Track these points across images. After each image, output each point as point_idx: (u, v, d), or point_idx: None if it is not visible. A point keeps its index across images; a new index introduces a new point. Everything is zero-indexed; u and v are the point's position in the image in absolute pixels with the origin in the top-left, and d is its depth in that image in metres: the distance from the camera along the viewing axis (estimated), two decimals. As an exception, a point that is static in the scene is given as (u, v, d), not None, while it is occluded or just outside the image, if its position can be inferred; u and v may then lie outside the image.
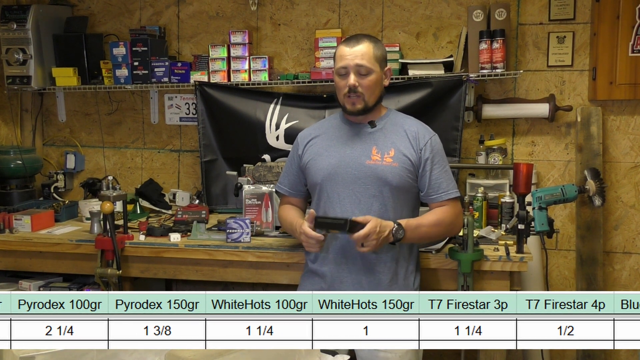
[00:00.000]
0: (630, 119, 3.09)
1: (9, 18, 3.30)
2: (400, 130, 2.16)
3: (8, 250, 2.76)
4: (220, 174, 3.27)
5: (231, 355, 1.34)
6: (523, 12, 3.12)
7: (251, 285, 3.16)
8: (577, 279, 3.12)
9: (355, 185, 2.10)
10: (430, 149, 2.13)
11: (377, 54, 2.11)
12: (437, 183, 2.13)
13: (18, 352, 1.30)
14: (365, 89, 2.09)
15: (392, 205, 2.10)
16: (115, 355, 1.37)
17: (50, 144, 3.72)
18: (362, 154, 2.12)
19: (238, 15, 3.40)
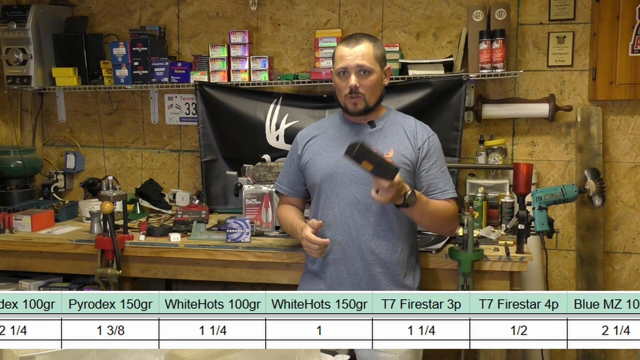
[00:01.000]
0: (630, 119, 3.09)
1: (9, 18, 3.30)
2: (400, 130, 2.16)
3: (8, 250, 2.76)
4: (220, 174, 3.27)
5: (231, 355, 1.34)
6: (523, 12, 3.12)
7: (251, 285, 3.16)
8: (577, 279, 3.12)
9: (354, 186, 2.10)
10: (428, 148, 2.13)
11: (377, 54, 2.10)
12: (435, 182, 2.12)
13: (18, 352, 1.30)
14: (367, 89, 2.08)
15: (391, 205, 2.08)
16: (116, 355, 1.37)
17: (50, 144, 3.72)
18: None
19: (238, 15, 3.40)
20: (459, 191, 3.04)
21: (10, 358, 1.31)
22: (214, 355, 1.33)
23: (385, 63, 2.17)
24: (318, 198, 2.18)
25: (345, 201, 2.11)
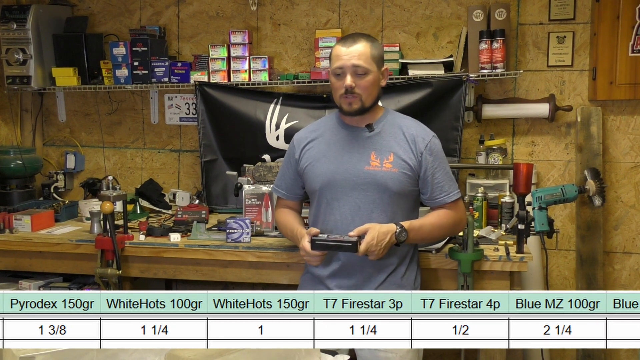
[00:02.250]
0: (630, 119, 3.09)
1: (9, 18, 3.30)
2: (399, 132, 2.12)
3: (8, 250, 2.76)
4: (220, 174, 3.27)
5: (231, 355, 1.34)
6: (523, 12, 3.12)
7: (251, 285, 3.16)
8: (577, 279, 3.13)
9: (355, 192, 2.08)
10: (430, 152, 2.10)
11: (374, 54, 2.07)
12: (440, 186, 2.11)
13: (18, 352, 1.30)
14: (363, 89, 2.05)
15: (392, 210, 2.08)
16: (116, 355, 1.37)
17: (50, 144, 3.72)
18: (361, 160, 2.09)
19: (238, 15, 3.40)
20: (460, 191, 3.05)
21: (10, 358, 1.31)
22: (214, 355, 1.33)
23: (383, 63, 2.14)
24: (318, 204, 2.16)
25: (346, 207, 2.09)
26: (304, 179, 2.21)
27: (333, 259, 2.13)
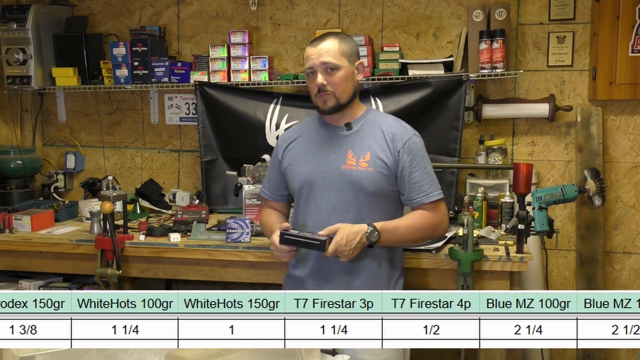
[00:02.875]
0: (630, 119, 3.09)
1: (9, 18, 3.30)
2: (378, 131, 2.07)
3: (8, 250, 2.76)
4: (220, 174, 3.27)
5: (231, 355, 1.34)
6: (523, 12, 3.12)
7: (251, 285, 3.16)
8: (577, 279, 3.12)
9: (331, 192, 2.04)
10: (409, 150, 2.03)
11: (344, 49, 2.03)
12: (418, 186, 2.04)
13: (18, 352, 1.30)
14: (335, 85, 2.01)
15: (369, 211, 2.03)
16: (116, 355, 1.37)
17: (50, 144, 3.72)
18: (338, 159, 2.05)
19: (238, 15, 3.40)
20: (459, 191, 3.06)
21: (10, 358, 1.31)
22: (214, 355, 1.33)
23: (357, 57, 2.09)
24: (297, 204, 2.15)
25: (322, 207, 2.06)
26: (286, 180, 2.19)
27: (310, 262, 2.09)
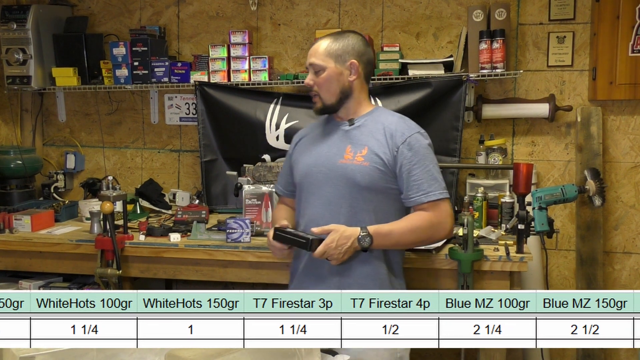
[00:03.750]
0: (630, 119, 3.09)
1: (9, 18, 3.30)
2: (379, 127, 2.03)
3: (8, 250, 2.76)
4: (220, 174, 3.27)
5: (231, 355, 1.34)
6: (523, 12, 3.12)
7: (251, 285, 3.16)
8: (577, 279, 3.13)
9: (327, 186, 2.02)
10: (409, 148, 1.98)
11: (332, 49, 2.02)
12: (416, 184, 1.97)
13: (18, 352, 1.30)
14: (319, 87, 2.04)
15: (363, 208, 1.99)
16: (116, 355, 1.37)
17: (50, 144, 3.72)
18: (337, 153, 2.04)
19: (238, 15, 3.40)
20: (459, 191, 3.05)
21: (10, 358, 1.31)
22: (214, 355, 1.33)
23: (351, 57, 2.03)
24: (299, 198, 2.15)
25: (318, 201, 2.05)
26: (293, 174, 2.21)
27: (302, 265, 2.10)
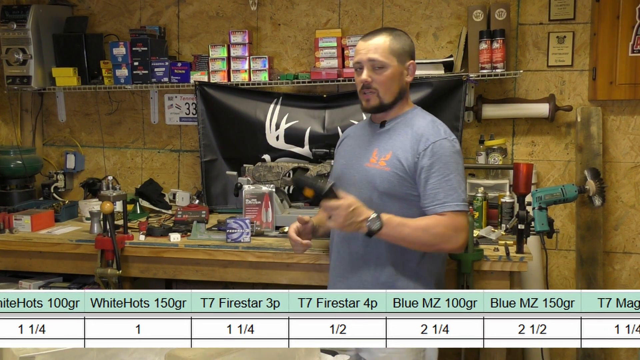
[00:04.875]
0: (630, 119, 3.09)
1: (9, 18, 3.30)
2: (408, 131, 1.99)
3: (8, 250, 2.76)
4: (220, 174, 3.27)
5: (231, 355, 1.34)
6: (523, 12, 3.12)
7: (251, 285, 3.16)
8: (577, 279, 3.13)
9: (353, 188, 1.99)
10: (431, 154, 1.92)
11: (395, 47, 1.97)
12: (433, 193, 1.92)
13: (18, 352, 1.30)
14: (380, 84, 1.97)
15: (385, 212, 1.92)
16: (116, 355, 1.37)
17: (50, 144, 3.72)
18: (365, 157, 2.03)
19: (238, 15, 3.40)
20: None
21: (10, 358, 1.31)
22: (214, 355, 1.33)
23: (409, 58, 2.02)
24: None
25: None
26: None
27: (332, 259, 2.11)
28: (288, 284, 2.53)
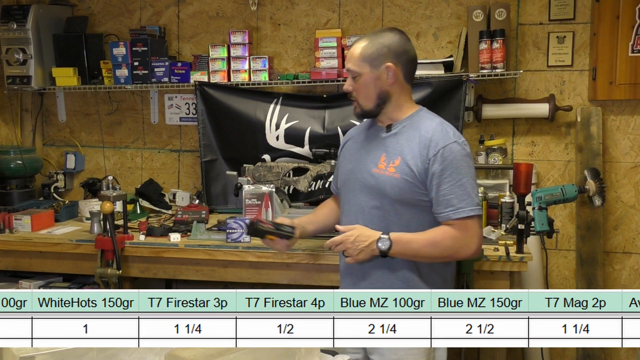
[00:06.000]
0: (630, 119, 3.09)
1: (9, 18, 3.30)
2: (416, 135, 1.93)
3: (8, 250, 2.76)
4: (220, 174, 3.27)
5: (231, 355, 1.34)
6: (523, 12, 3.12)
7: (251, 285, 3.16)
8: (577, 279, 3.13)
9: (362, 194, 1.98)
10: (441, 160, 1.88)
11: (367, 53, 1.93)
12: (446, 200, 1.87)
13: (18, 352, 1.30)
14: (357, 92, 1.98)
15: (396, 220, 1.93)
16: (116, 355, 1.37)
17: (50, 144, 3.72)
18: (372, 162, 1.99)
19: (238, 15, 3.40)
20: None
21: (10, 358, 1.31)
22: (214, 355, 1.33)
23: (387, 60, 1.93)
24: (341, 202, 2.13)
25: (353, 209, 2.02)
26: None
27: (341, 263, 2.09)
28: (288, 284, 2.53)
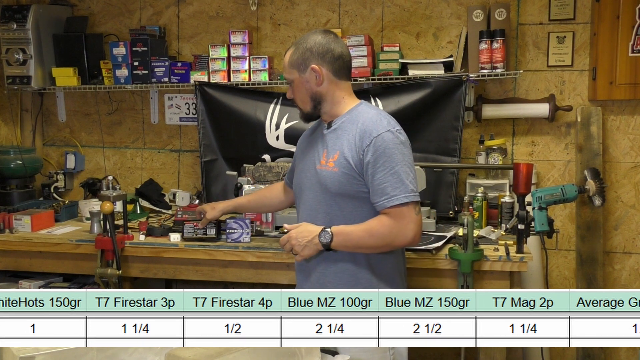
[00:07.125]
0: (630, 119, 3.09)
1: (9, 18, 3.30)
2: (353, 128, 1.94)
3: (8, 250, 2.76)
4: (220, 174, 3.27)
5: (231, 355, 1.34)
6: (523, 12, 3.12)
7: (251, 285, 3.16)
8: (577, 279, 3.13)
9: (309, 191, 2.02)
10: (374, 149, 1.87)
11: (294, 59, 2.00)
12: (380, 188, 1.87)
13: (18, 352, 1.30)
14: (295, 98, 2.05)
15: (338, 214, 1.95)
16: (116, 355, 1.37)
17: (50, 144, 3.72)
18: (316, 159, 2.02)
19: (238, 15, 3.40)
20: (459, 191, 3.05)
21: (10, 358, 1.31)
22: (214, 355, 1.33)
23: (311, 62, 1.96)
24: (295, 203, 2.18)
25: (303, 207, 2.06)
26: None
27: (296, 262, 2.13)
28: (288, 283, 2.53)
